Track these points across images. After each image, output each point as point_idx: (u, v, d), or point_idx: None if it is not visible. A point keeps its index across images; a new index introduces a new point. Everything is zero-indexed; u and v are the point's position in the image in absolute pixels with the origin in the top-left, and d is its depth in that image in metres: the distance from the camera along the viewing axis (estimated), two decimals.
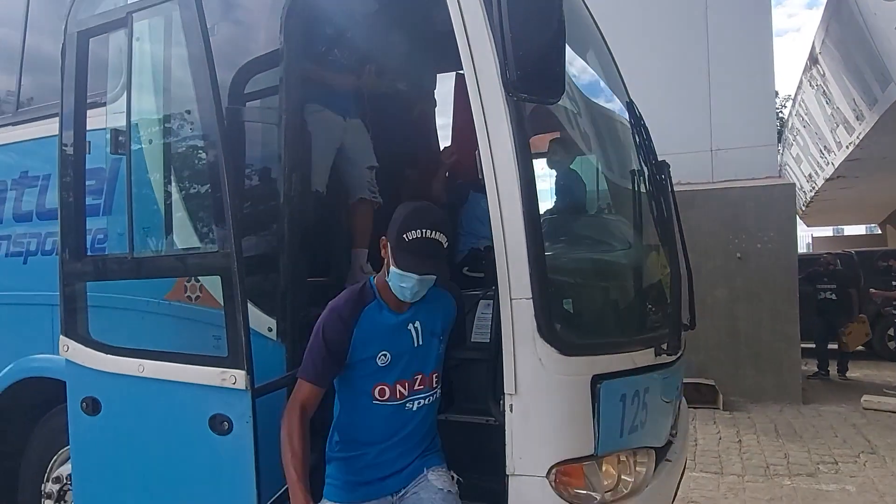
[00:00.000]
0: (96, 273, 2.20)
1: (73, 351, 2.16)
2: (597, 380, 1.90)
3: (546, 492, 1.85)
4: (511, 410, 1.87)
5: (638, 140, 2.92)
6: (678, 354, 2.70)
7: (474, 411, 2.24)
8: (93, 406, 2.13)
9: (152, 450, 2.06)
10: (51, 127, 2.41)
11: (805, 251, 18.57)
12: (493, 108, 1.88)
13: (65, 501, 2.72)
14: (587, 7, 3.03)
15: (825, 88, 9.31)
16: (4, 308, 2.88)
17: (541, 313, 1.82)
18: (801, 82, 10.66)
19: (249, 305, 2.19)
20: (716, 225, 7.26)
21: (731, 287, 7.19)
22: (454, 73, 3.87)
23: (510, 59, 1.70)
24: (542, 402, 1.86)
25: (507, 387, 1.86)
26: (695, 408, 6.78)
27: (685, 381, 7.03)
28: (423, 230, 1.76)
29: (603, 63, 3.07)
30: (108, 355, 2.10)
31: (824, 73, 9.06)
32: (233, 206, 1.86)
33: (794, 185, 7.93)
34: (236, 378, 1.83)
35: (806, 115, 11.07)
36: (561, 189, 3.31)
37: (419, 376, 1.93)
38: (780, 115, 18.63)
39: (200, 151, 2.01)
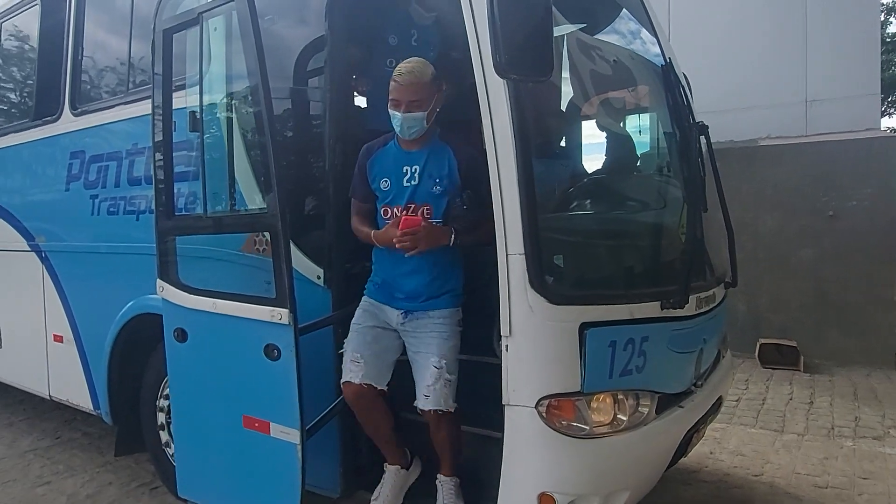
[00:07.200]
0: (182, 228, 2.71)
1: (167, 291, 2.69)
2: (585, 326, 2.15)
3: (535, 420, 2.14)
4: (507, 350, 2.17)
5: (671, 101, 3.01)
6: (706, 309, 2.86)
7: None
8: (182, 335, 2.65)
9: (225, 369, 2.55)
10: None
11: None
12: (493, 86, 2.12)
13: None
14: None
15: None
16: (125, 256, 3.49)
17: (532, 267, 2.08)
18: None
19: (302, 257, 2.64)
20: (805, 182, 6.91)
21: (819, 247, 6.87)
22: None
23: (500, 43, 1.92)
24: (532, 343, 2.13)
25: (503, 330, 2.15)
26: (773, 369, 6.67)
27: (765, 341, 6.94)
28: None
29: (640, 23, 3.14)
30: (192, 295, 2.60)
31: None
32: (279, 175, 2.26)
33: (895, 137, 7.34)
34: (282, 315, 2.26)
35: None
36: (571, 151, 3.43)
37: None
38: None
39: (254, 128, 2.41)
